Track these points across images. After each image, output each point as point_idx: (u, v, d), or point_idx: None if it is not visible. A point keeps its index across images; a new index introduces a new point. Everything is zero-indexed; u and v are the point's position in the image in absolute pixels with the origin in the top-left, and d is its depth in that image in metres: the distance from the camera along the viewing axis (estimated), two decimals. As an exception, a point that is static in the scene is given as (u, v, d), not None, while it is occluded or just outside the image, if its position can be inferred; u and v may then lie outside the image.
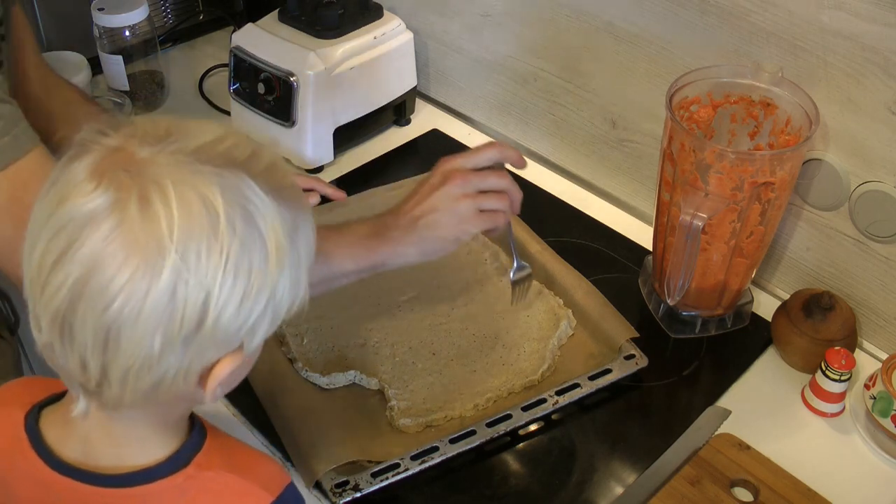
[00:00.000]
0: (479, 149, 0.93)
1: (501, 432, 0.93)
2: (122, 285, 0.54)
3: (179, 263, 0.54)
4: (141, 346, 0.55)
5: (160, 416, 0.64)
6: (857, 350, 1.05)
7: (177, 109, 1.46)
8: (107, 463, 0.64)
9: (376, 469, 0.88)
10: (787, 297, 1.07)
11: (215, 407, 0.97)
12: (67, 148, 0.58)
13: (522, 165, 0.95)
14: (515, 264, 1.01)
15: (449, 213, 0.89)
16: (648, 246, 1.13)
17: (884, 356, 1.03)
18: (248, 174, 0.58)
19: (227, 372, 0.60)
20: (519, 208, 0.93)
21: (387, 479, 0.88)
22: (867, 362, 1.05)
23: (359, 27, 1.31)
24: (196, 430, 0.67)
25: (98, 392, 0.58)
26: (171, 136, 0.57)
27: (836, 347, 0.97)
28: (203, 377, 0.60)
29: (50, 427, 0.66)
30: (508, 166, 0.95)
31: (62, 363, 0.58)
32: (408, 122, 1.44)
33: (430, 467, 0.90)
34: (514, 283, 1.02)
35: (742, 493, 0.90)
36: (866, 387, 0.97)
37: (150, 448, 0.64)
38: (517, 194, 0.92)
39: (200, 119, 0.61)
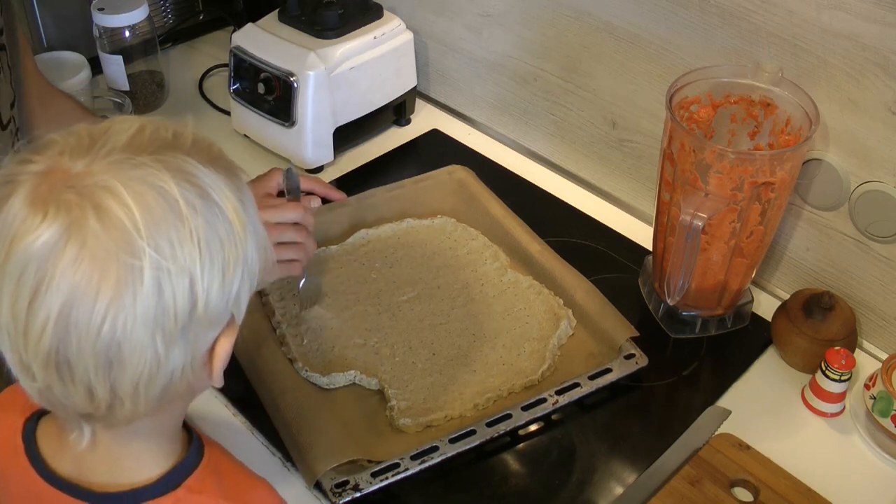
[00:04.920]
0: (283, 207, 1.00)
1: (501, 432, 0.93)
2: (109, 301, 0.52)
3: (156, 257, 0.53)
4: (145, 352, 0.54)
5: (161, 423, 0.63)
6: (857, 350, 1.05)
7: (177, 109, 1.46)
8: (99, 480, 0.63)
9: (376, 469, 0.88)
10: (787, 297, 1.07)
11: (216, 408, 0.97)
12: None
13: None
14: (304, 280, 1.06)
15: None
16: (648, 246, 1.13)
17: (884, 356, 1.03)
18: (181, 152, 0.57)
19: (228, 347, 0.60)
20: (312, 257, 1.03)
21: (387, 478, 0.88)
22: (867, 362, 1.05)
23: (359, 27, 1.31)
24: (193, 448, 0.66)
25: (108, 414, 0.57)
26: (96, 142, 0.56)
27: (836, 347, 0.97)
28: (206, 362, 0.60)
29: (46, 438, 0.65)
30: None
31: (64, 402, 0.56)
32: (408, 122, 1.44)
33: (430, 467, 0.90)
34: (302, 292, 1.07)
35: (742, 493, 0.90)
36: (866, 387, 0.97)
37: (145, 465, 0.63)
38: (311, 246, 1.02)
39: (107, 118, 0.60)
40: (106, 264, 0.52)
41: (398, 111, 1.42)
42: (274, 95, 1.28)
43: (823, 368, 0.96)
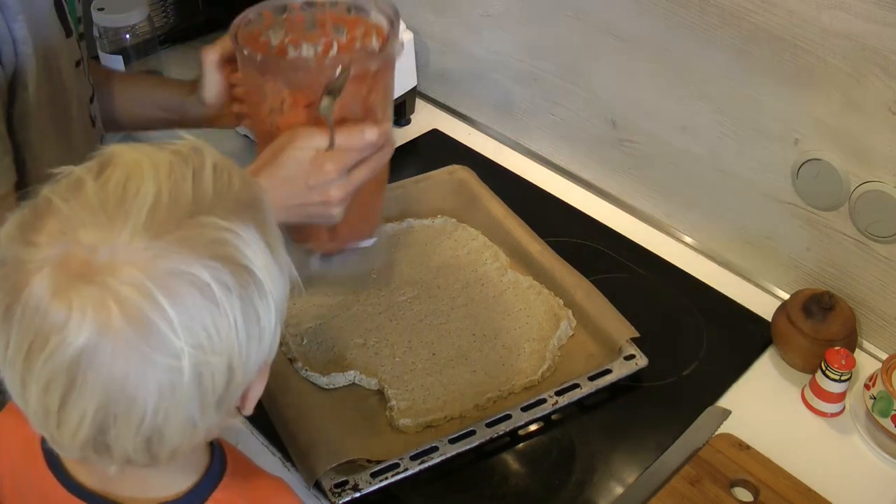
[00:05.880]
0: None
1: (501, 432, 0.93)
2: (147, 398, 0.51)
3: (195, 354, 0.52)
4: (183, 428, 0.54)
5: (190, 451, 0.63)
6: (857, 350, 1.05)
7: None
8: (127, 493, 0.62)
9: (376, 469, 0.88)
10: (787, 297, 1.07)
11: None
12: None
13: None
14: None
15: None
16: (649, 246, 1.14)
17: (884, 356, 1.03)
18: (203, 213, 0.54)
19: (261, 388, 0.60)
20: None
21: (386, 479, 0.88)
22: (867, 362, 1.05)
23: (359, 27, 1.31)
24: (217, 458, 0.65)
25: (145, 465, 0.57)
26: (113, 219, 0.52)
27: (836, 347, 0.97)
28: (239, 404, 0.60)
29: None
30: None
31: (102, 467, 0.56)
32: (408, 122, 1.44)
33: (430, 467, 0.90)
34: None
35: (742, 493, 0.90)
36: (866, 387, 0.97)
37: (173, 481, 0.63)
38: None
39: (117, 161, 0.55)
40: (144, 365, 0.51)
41: (398, 111, 1.42)
42: (274, 95, 1.28)
43: (823, 368, 0.96)
